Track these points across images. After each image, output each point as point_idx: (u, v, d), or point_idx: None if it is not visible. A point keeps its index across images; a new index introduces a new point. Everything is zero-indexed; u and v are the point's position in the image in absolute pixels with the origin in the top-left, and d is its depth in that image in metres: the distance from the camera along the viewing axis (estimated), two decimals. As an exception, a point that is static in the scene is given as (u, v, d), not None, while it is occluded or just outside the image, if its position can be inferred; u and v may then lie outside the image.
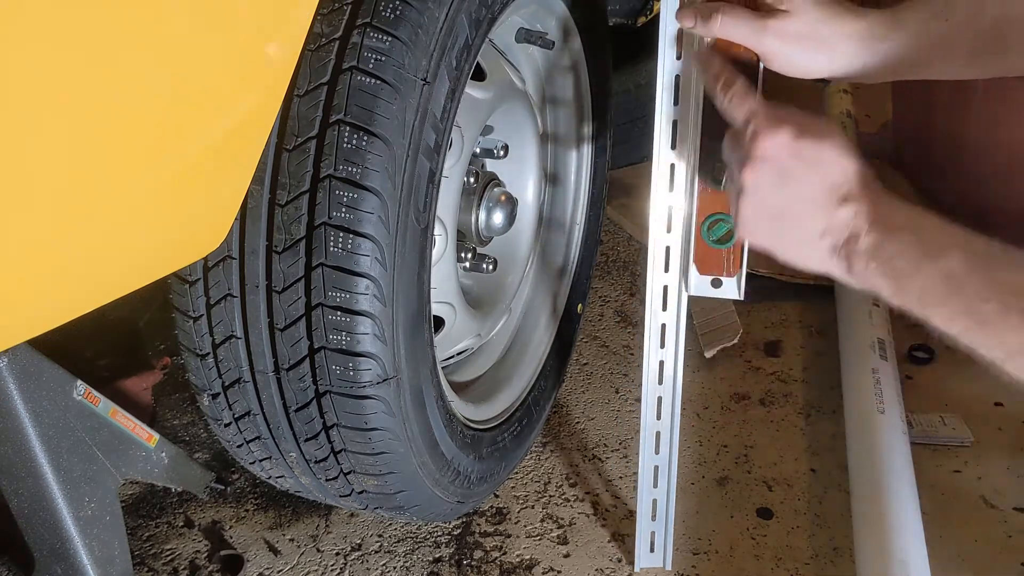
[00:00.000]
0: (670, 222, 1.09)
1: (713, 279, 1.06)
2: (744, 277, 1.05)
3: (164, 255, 0.84)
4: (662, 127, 1.06)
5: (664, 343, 1.17)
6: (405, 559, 1.33)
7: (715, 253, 1.06)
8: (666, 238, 1.10)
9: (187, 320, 1.03)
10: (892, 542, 1.19)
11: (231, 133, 0.82)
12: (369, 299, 0.95)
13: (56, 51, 0.63)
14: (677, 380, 1.19)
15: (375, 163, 0.92)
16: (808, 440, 1.55)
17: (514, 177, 1.47)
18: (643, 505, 1.26)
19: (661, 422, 1.21)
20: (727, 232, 1.04)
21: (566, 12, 1.39)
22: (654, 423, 1.21)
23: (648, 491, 1.25)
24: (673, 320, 1.16)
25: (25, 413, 0.98)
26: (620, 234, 2.18)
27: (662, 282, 1.13)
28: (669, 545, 1.28)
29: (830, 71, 0.94)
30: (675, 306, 1.15)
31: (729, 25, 0.94)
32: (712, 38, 0.97)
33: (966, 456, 1.51)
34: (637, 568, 1.30)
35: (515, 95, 1.37)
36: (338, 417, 1.01)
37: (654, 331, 1.16)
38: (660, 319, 1.16)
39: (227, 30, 0.76)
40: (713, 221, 1.05)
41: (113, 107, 0.69)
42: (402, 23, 0.92)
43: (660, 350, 1.18)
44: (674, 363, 1.18)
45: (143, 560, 1.32)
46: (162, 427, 1.55)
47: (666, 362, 1.18)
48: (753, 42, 0.94)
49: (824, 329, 1.82)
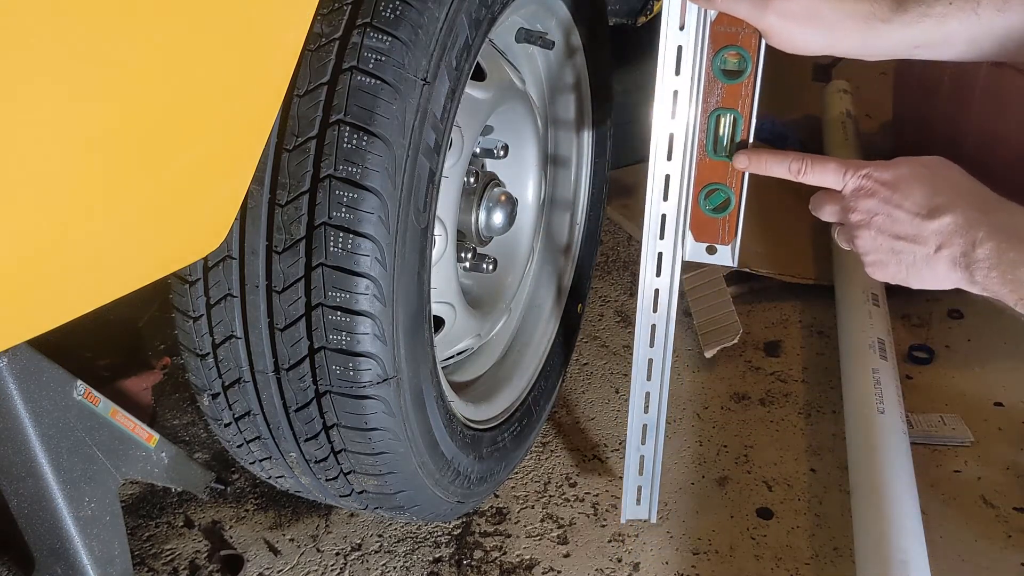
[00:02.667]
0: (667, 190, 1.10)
1: (708, 246, 1.10)
2: (739, 246, 1.09)
3: (164, 255, 0.84)
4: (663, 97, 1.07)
5: (656, 308, 1.19)
6: (405, 559, 1.33)
7: (711, 221, 1.09)
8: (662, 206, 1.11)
9: (187, 320, 1.03)
10: (892, 542, 1.19)
11: (231, 133, 0.82)
12: (369, 299, 0.95)
13: (56, 51, 0.63)
14: (668, 342, 1.21)
15: (375, 163, 0.92)
16: (808, 440, 1.55)
17: (514, 177, 1.47)
18: (631, 459, 1.30)
19: (651, 383, 1.24)
20: (723, 201, 1.08)
21: (566, 12, 1.39)
22: (644, 384, 1.25)
23: (636, 448, 1.29)
24: (667, 286, 1.17)
25: (25, 413, 0.98)
26: (620, 234, 2.18)
27: (657, 248, 1.14)
28: (655, 500, 1.33)
29: (830, 49, 0.95)
30: (668, 273, 1.16)
31: (731, 1, 0.96)
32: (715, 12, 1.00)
33: (966, 456, 1.51)
34: (623, 520, 1.34)
35: (515, 95, 1.37)
36: (338, 417, 1.01)
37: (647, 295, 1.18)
38: (654, 284, 1.17)
39: (227, 30, 0.76)
40: (710, 190, 1.08)
41: (113, 107, 0.69)
42: (402, 23, 0.92)
43: (652, 314, 1.20)
44: (665, 326, 1.20)
45: (143, 560, 1.32)
46: (162, 427, 1.55)
47: (658, 325, 1.20)
48: (754, 18, 0.96)
49: (824, 329, 1.82)
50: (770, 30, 0.96)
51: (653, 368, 1.23)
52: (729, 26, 1.00)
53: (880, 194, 0.89)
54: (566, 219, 1.60)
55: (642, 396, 1.26)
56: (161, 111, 0.73)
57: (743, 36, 1.00)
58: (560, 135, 1.55)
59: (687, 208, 1.09)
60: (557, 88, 1.51)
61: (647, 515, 1.34)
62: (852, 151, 2.27)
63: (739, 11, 0.97)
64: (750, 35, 1.00)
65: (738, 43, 1.01)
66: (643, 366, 1.23)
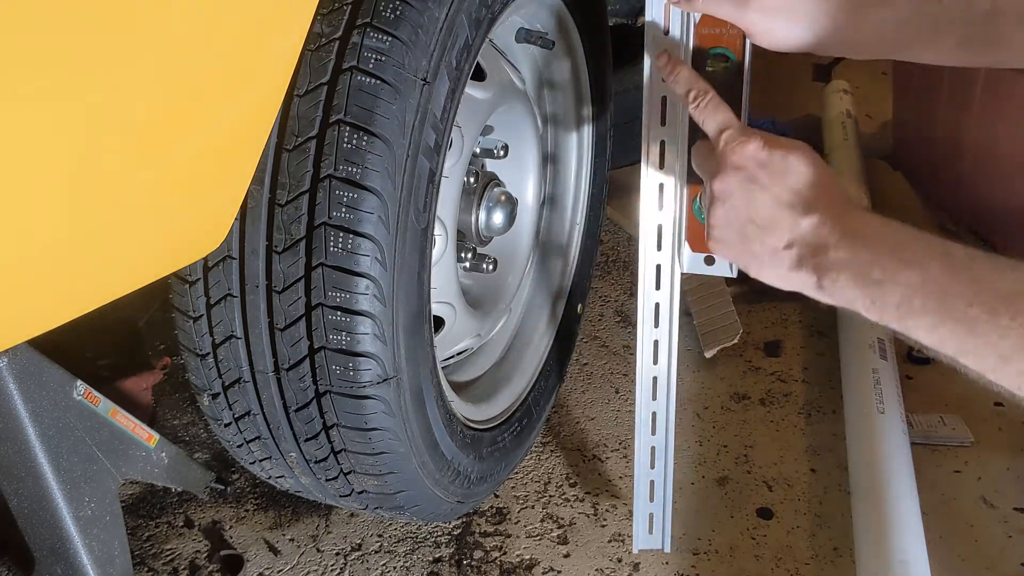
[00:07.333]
0: (661, 200, 1.08)
1: (706, 256, 1.06)
2: None
3: (164, 255, 0.84)
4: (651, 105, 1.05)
5: (658, 323, 1.16)
6: (405, 559, 1.33)
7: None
8: (658, 216, 1.08)
9: (187, 320, 1.03)
10: (892, 542, 1.19)
11: (231, 133, 0.82)
12: (369, 299, 0.95)
13: (56, 51, 0.63)
14: (672, 359, 1.17)
15: (375, 163, 0.92)
16: (808, 440, 1.55)
17: (514, 177, 1.47)
18: (640, 486, 1.24)
19: (656, 402, 1.20)
20: None
21: (566, 12, 1.39)
22: (650, 404, 1.20)
23: (645, 473, 1.23)
24: (667, 299, 1.14)
25: (25, 413, 0.98)
26: (620, 234, 2.18)
27: (655, 260, 1.11)
28: (667, 527, 1.27)
29: (814, 46, 0.93)
30: (668, 285, 1.13)
31: (712, 1, 0.95)
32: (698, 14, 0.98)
33: (966, 456, 1.51)
34: (635, 550, 1.28)
35: (515, 95, 1.37)
36: (338, 417, 1.01)
37: (648, 310, 1.15)
38: (654, 299, 1.14)
39: (227, 30, 0.76)
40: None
41: (113, 107, 0.69)
42: (402, 23, 0.92)
43: (654, 330, 1.16)
44: (668, 343, 1.16)
45: (143, 560, 1.32)
46: (162, 427, 1.55)
47: (660, 341, 1.17)
48: (735, 17, 0.95)
49: (824, 329, 1.82)
50: (752, 27, 0.94)
51: (658, 386, 1.18)
52: (713, 27, 0.99)
53: (748, 170, 0.84)
54: (566, 219, 1.60)
55: (648, 416, 1.20)
56: (161, 111, 0.73)
57: (728, 37, 0.99)
58: (560, 135, 1.56)
59: (683, 218, 1.06)
60: (557, 88, 1.51)
61: (660, 544, 1.28)
62: (852, 151, 2.27)
63: (720, 11, 0.95)
64: (735, 36, 0.98)
65: (723, 44, 0.99)
66: (647, 384, 1.18)
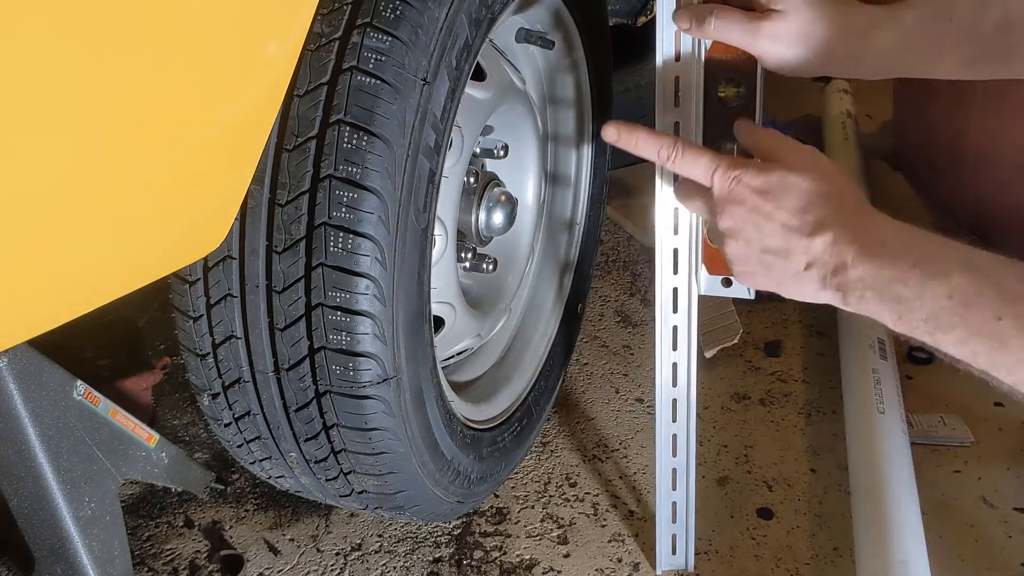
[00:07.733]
0: (676, 223, 1.08)
1: (723, 278, 1.06)
2: None
3: (164, 255, 0.84)
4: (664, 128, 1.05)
5: (676, 346, 1.16)
6: (405, 559, 1.33)
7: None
8: (673, 240, 1.09)
9: (187, 320, 1.03)
10: (892, 542, 1.19)
11: (231, 133, 0.82)
12: (369, 299, 0.95)
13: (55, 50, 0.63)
14: (691, 381, 1.17)
15: (375, 163, 0.92)
16: (808, 440, 1.55)
17: (514, 177, 1.47)
18: (663, 508, 1.25)
19: (677, 424, 1.20)
20: None
21: (567, 12, 1.39)
22: (670, 426, 1.20)
23: (667, 494, 1.24)
24: (685, 322, 1.14)
25: (25, 413, 0.98)
26: (620, 234, 2.18)
27: (672, 284, 1.12)
28: (691, 546, 1.28)
29: (825, 69, 0.93)
30: (686, 308, 1.14)
31: (722, 28, 0.95)
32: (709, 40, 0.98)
33: (966, 456, 1.51)
34: (659, 571, 1.29)
35: (515, 95, 1.37)
36: (338, 417, 1.01)
37: (666, 334, 1.15)
38: (672, 322, 1.15)
39: (227, 30, 0.76)
40: None
41: (113, 106, 0.69)
42: (402, 23, 0.92)
43: (672, 352, 1.16)
44: (687, 365, 1.17)
45: (143, 560, 1.32)
46: (162, 427, 1.55)
47: (679, 364, 1.17)
48: (747, 44, 0.95)
49: (824, 329, 1.82)
50: (764, 55, 0.94)
51: (678, 408, 1.18)
52: (724, 53, 0.98)
53: (749, 202, 0.84)
54: (566, 219, 1.60)
55: (669, 439, 1.20)
56: (160, 111, 0.73)
57: (739, 62, 0.98)
58: (560, 135, 1.55)
59: (698, 241, 1.06)
60: (557, 88, 1.50)
61: (684, 564, 1.28)
62: (852, 151, 2.27)
63: (732, 38, 0.95)
64: (746, 60, 0.97)
65: (734, 69, 0.98)
66: (667, 407, 1.19)
